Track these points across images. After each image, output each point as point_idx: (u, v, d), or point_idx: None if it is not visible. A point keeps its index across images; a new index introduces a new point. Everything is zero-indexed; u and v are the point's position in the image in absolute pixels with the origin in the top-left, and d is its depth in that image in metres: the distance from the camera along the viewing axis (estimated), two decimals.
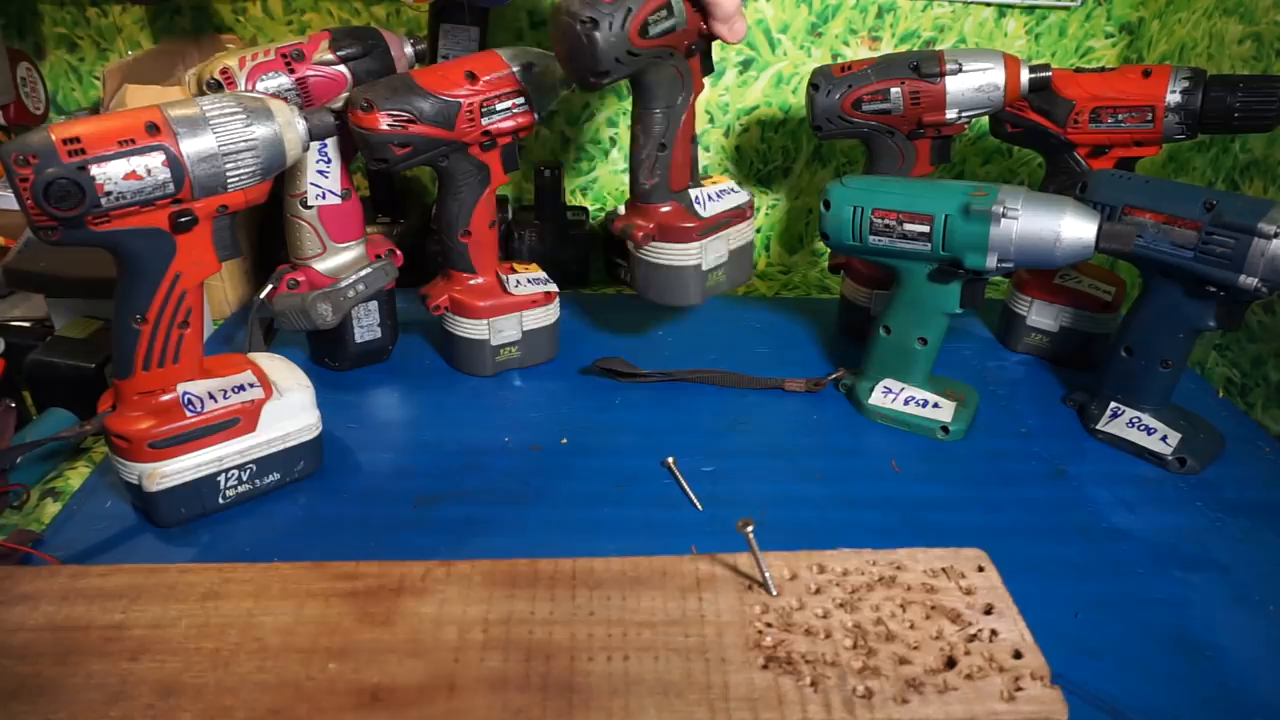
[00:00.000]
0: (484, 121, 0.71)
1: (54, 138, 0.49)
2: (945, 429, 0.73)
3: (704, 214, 0.73)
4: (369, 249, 0.79)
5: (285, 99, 0.64)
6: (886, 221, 0.68)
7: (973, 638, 0.49)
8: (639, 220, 0.73)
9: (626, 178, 0.97)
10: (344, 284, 0.76)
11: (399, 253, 0.81)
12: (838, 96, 0.75)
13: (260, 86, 0.68)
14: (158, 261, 0.55)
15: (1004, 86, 0.71)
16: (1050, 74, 0.73)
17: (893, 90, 0.73)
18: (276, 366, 0.65)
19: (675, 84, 0.67)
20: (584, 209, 1.05)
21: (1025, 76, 0.72)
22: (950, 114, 0.73)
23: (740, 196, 0.77)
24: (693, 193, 0.74)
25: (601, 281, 1.03)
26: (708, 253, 0.74)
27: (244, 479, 0.61)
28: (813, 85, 0.76)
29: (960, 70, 0.71)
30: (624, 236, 0.74)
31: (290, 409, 0.62)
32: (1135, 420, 0.72)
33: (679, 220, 0.72)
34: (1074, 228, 0.62)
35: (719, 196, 0.75)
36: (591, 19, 0.59)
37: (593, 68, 0.62)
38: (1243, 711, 0.49)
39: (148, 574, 0.52)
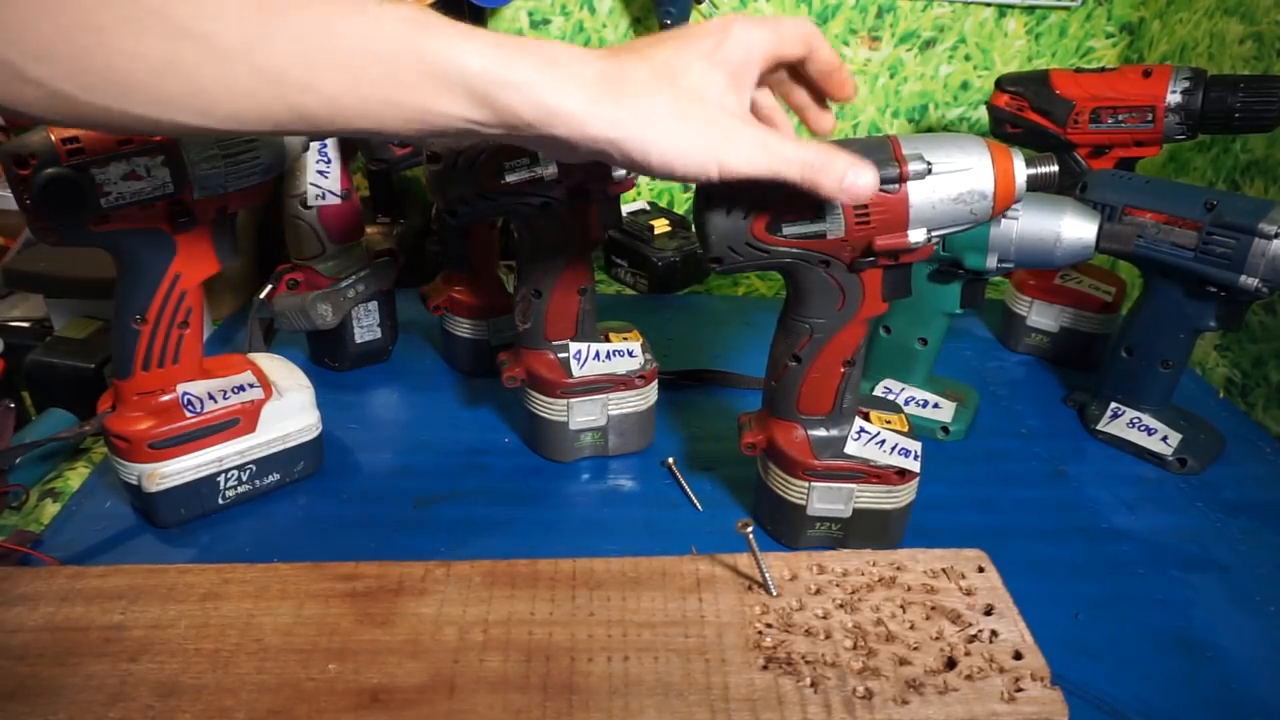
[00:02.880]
0: None
1: (54, 138, 0.49)
2: (945, 429, 0.73)
3: (575, 372, 0.65)
4: (369, 249, 0.79)
5: None
6: None
7: (973, 638, 0.49)
8: (513, 360, 0.67)
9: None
10: (344, 284, 0.76)
11: (399, 253, 0.81)
12: (744, 217, 0.49)
13: None
14: (157, 262, 0.55)
15: (992, 194, 0.47)
16: (1056, 170, 0.50)
17: (827, 204, 0.48)
18: (276, 367, 0.65)
19: (555, 233, 0.61)
20: None
21: (1021, 176, 0.48)
22: (915, 235, 0.48)
23: (631, 363, 0.67)
24: (573, 347, 0.66)
25: (601, 281, 1.03)
26: (575, 413, 0.66)
27: (244, 479, 0.61)
28: (705, 199, 0.50)
29: (930, 172, 0.47)
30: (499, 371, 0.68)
31: (290, 409, 0.62)
32: (1136, 420, 0.72)
33: (546, 372, 0.65)
34: (1074, 228, 0.62)
35: (606, 357, 0.66)
36: (435, 154, 0.58)
37: (442, 204, 0.60)
38: (1243, 712, 0.49)
39: (147, 575, 0.52)
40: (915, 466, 0.56)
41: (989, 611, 0.50)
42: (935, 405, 0.73)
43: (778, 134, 0.43)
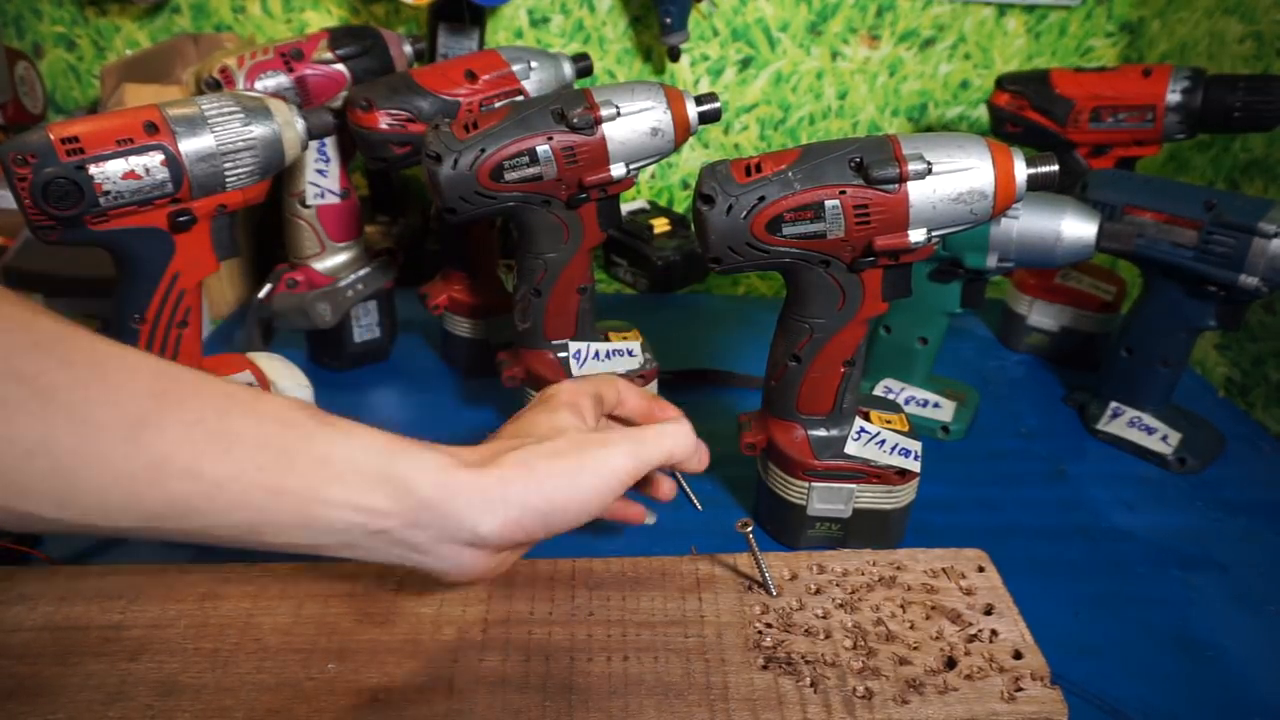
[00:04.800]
0: None
1: (52, 137, 0.49)
2: (945, 429, 0.73)
3: (575, 372, 0.65)
4: (368, 248, 0.79)
5: (284, 98, 0.64)
6: None
7: (973, 638, 0.49)
8: (512, 359, 0.67)
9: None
10: (343, 283, 0.76)
11: (398, 252, 0.81)
12: (744, 217, 0.49)
13: (259, 85, 0.68)
14: (156, 261, 0.55)
15: (993, 194, 0.47)
16: (1056, 169, 0.48)
17: (827, 204, 0.48)
18: (275, 366, 0.65)
19: (555, 232, 0.61)
20: None
21: (1021, 176, 0.47)
22: (915, 235, 0.48)
23: (631, 362, 0.67)
24: (573, 346, 0.66)
25: (601, 281, 1.03)
26: None
27: None
28: (704, 199, 0.50)
29: (930, 172, 0.47)
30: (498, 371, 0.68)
31: None
32: (1136, 420, 0.72)
33: (546, 371, 0.65)
34: (1074, 227, 0.62)
35: (606, 357, 0.66)
36: (435, 154, 0.57)
37: (440, 202, 0.59)
38: (1243, 711, 0.49)
39: (146, 574, 0.52)
40: (915, 467, 0.56)
41: (989, 611, 0.50)
42: (935, 405, 0.73)
43: (635, 435, 0.45)
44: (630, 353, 0.67)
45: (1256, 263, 0.61)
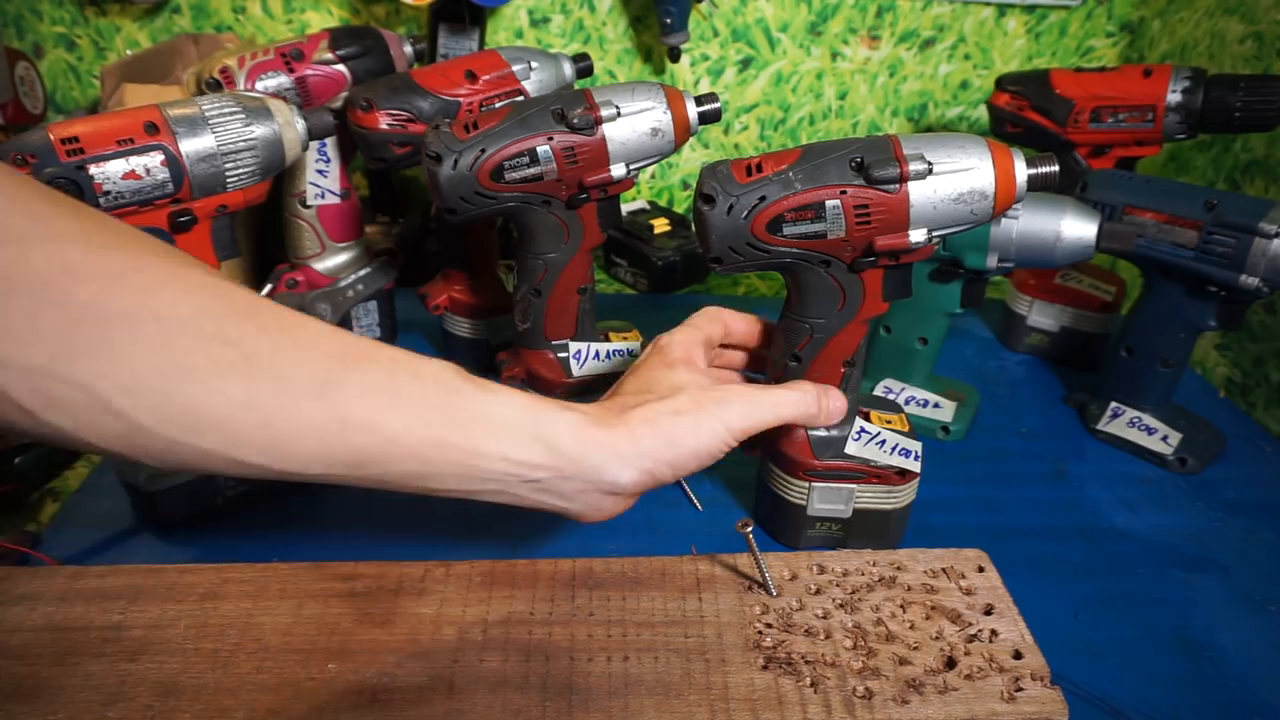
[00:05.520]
0: None
1: (52, 137, 0.49)
2: (946, 429, 0.73)
3: (575, 372, 0.65)
4: (368, 249, 0.79)
5: (284, 98, 0.64)
6: None
7: (973, 638, 0.49)
8: (512, 359, 0.68)
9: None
10: (343, 284, 0.76)
11: (398, 252, 0.81)
12: (744, 217, 0.49)
13: (259, 86, 0.68)
14: None
15: (993, 194, 0.47)
16: (1057, 169, 0.48)
17: (828, 204, 0.48)
18: None
19: (556, 232, 0.62)
20: None
21: (1022, 176, 0.47)
22: (916, 235, 0.48)
23: (631, 362, 0.66)
24: (573, 346, 0.66)
25: (601, 281, 1.03)
26: None
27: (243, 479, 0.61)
28: (705, 199, 0.50)
29: (930, 172, 0.47)
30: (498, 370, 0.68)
31: None
32: (1136, 420, 0.72)
33: (546, 371, 0.66)
34: (1075, 227, 0.62)
35: (606, 357, 0.67)
36: (436, 154, 0.57)
37: (440, 203, 0.59)
38: (1243, 711, 0.49)
39: (146, 574, 0.52)
40: (916, 467, 0.56)
41: (989, 611, 0.50)
42: (935, 405, 0.73)
43: (752, 396, 0.49)
44: (630, 353, 0.67)
45: (1257, 263, 0.61)
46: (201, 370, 0.36)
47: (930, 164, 0.46)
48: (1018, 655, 0.48)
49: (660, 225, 0.99)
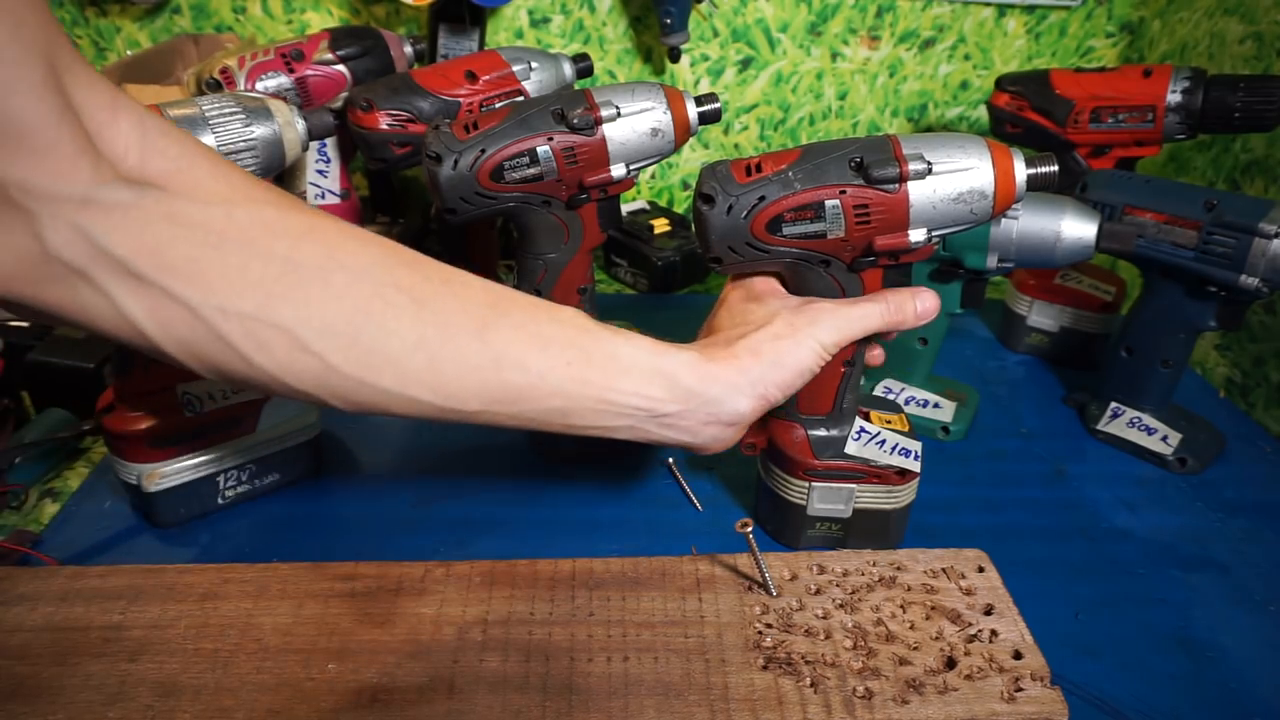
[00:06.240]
0: None
1: None
2: (946, 429, 0.73)
3: None
4: None
5: (284, 99, 0.64)
6: None
7: (973, 638, 0.49)
8: None
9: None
10: None
11: None
12: (744, 217, 0.49)
13: (260, 86, 0.68)
14: None
15: (993, 194, 0.47)
16: (1056, 170, 0.48)
17: (827, 204, 0.48)
18: None
19: (556, 232, 0.61)
20: None
21: (1021, 176, 0.47)
22: (915, 235, 0.48)
23: None
24: None
25: (601, 281, 1.03)
26: None
27: (243, 479, 0.61)
28: (704, 199, 0.49)
29: (930, 171, 0.46)
30: None
31: (289, 409, 0.62)
32: (1136, 420, 0.72)
33: None
34: (1074, 227, 0.62)
35: None
36: (436, 155, 0.57)
37: (440, 203, 0.59)
38: (1243, 712, 0.49)
39: (146, 574, 0.52)
40: (916, 467, 0.56)
41: (989, 611, 0.50)
42: (935, 405, 0.73)
43: (841, 312, 0.50)
44: None
45: (1257, 263, 0.61)
46: (380, 314, 0.40)
47: (930, 164, 0.46)
48: (1018, 655, 0.48)
49: (660, 225, 0.99)
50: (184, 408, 0.58)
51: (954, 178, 0.47)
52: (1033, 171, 0.48)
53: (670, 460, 0.68)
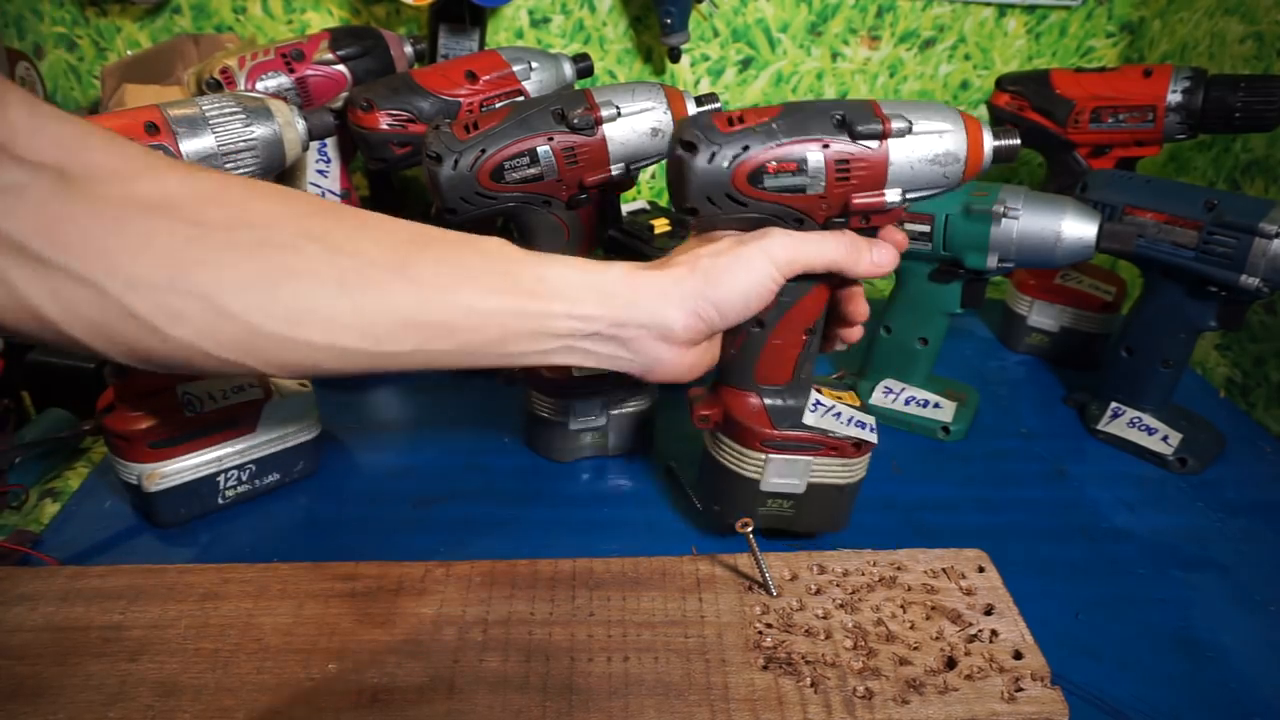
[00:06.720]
0: None
1: None
2: (946, 429, 0.73)
3: (575, 372, 0.63)
4: None
5: (285, 99, 0.64)
6: None
7: (973, 638, 0.49)
8: None
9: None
10: None
11: None
12: (726, 166, 0.47)
13: (260, 86, 0.68)
14: None
15: (964, 158, 0.48)
16: (1019, 143, 0.49)
17: (810, 157, 0.47)
18: None
19: (556, 232, 0.61)
20: None
21: (989, 145, 0.49)
22: (891, 195, 0.48)
23: None
24: None
25: None
26: (575, 412, 0.66)
27: (243, 479, 0.61)
28: (686, 146, 0.47)
29: (910, 131, 0.47)
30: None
31: (289, 409, 0.62)
32: (1136, 420, 0.72)
33: (546, 371, 0.64)
34: (1075, 227, 0.62)
35: None
36: (436, 155, 0.57)
37: (440, 203, 0.59)
38: (1243, 712, 0.49)
39: (147, 574, 0.52)
40: (873, 438, 0.55)
41: (989, 611, 0.50)
42: (936, 405, 0.73)
43: (796, 234, 0.48)
44: None
45: (1257, 263, 0.61)
46: (295, 265, 0.39)
47: (910, 122, 0.47)
48: (1018, 655, 0.48)
49: (660, 225, 0.99)
50: (184, 408, 0.58)
51: (931, 139, 0.48)
52: (999, 144, 0.49)
53: (671, 462, 0.68)
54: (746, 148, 0.47)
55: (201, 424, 0.58)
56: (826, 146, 0.47)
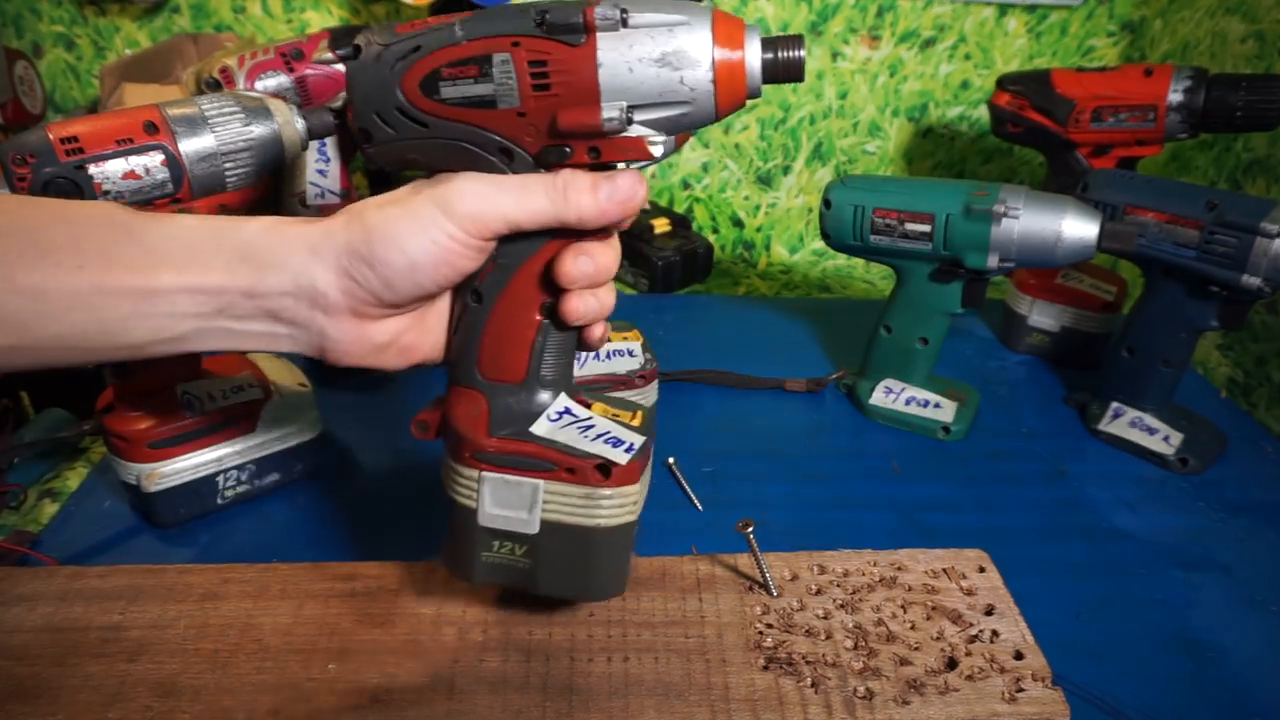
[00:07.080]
0: None
1: (52, 137, 0.49)
2: (946, 429, 0.72)
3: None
4: None
5: (284, 98, 0.64)
6: (887, 221, 0.68)
7: (974, 638, 0.49)
8: None
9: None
10: None
11: None
12: (392, 69, 0.39)
13: (259, 85, 0.68)
14: None
15: (710, 63, 0.37)
16: (804, 54, 0.40)
17: (495, 57, 0.37)
18: (276, 366, 0.65)
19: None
20: None
21: (754, 49, 0.39)
22: (609, 111, 0.37)
23: (631, 362, 0.66)
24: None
25: None
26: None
27: (243, 479, 0.61)
28: (354, 48, 0.40)
29: (624, 23, 0.36)
30: None
31: (289, 409, 0.62)
32: (1137, 420, 0.72)
33: None
34: (1076, 227, 0.62)
35: (606, 357, 0.66)
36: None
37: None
38: (1244, 712, 0.49)
39: (146, 575, 0.52)
40: (622, 459, 0.41)
41: (990, 611, 0.50)
42: (936, 405, 0.73)
43: (496, 177, 0.39)
44: (630, 353, 0.67)
45: (1259, 263, 0.61)
46: None
47: (625, 11, 0.36)
48: (1019, 656, 0.47)
49: (660, 225, 0.99)
50: (184, 408, 0.58)
51: (657, 33, 0.36)
52: (770, 55, 0.38)
53: (671, 460, 0.67)
54: (419, 48, 0.38)
55: (201, 424, 0.58)
56: (516, 45, 0.37)
